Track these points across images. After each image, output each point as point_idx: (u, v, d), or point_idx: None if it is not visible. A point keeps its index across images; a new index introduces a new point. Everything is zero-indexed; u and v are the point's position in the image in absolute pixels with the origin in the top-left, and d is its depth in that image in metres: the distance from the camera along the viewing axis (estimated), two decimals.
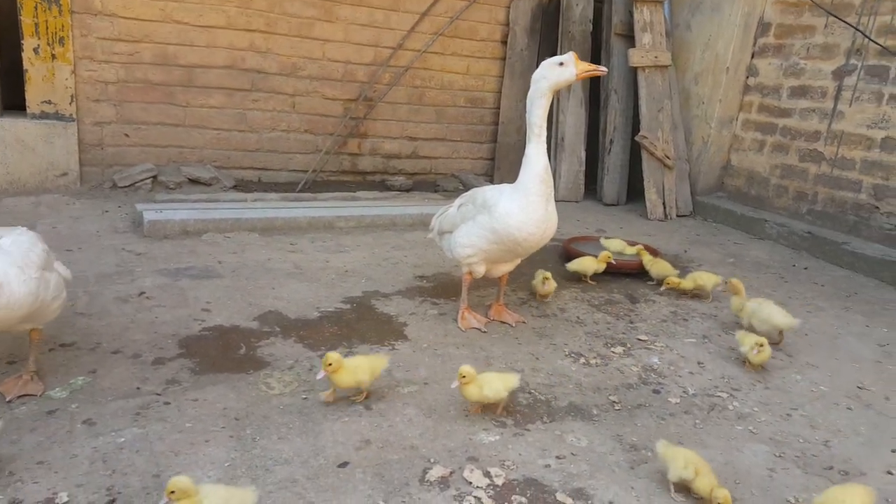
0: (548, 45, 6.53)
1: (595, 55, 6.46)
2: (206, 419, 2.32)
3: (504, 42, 6.49)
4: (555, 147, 6.31)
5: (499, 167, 6.71)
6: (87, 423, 2.23)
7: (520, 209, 2.94)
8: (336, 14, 5.72)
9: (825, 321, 3.77)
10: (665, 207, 6.05)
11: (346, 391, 2.51)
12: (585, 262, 4.02)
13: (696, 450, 2.16)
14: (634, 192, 6.38)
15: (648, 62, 6.02)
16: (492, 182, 6.51)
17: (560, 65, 2.92)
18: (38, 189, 4.96)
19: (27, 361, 2.44)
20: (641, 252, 4.30)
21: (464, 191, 5.32)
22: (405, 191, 6.01)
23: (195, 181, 5.32)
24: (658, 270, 4.08)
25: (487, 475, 2.14)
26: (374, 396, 2.56)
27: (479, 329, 3.25)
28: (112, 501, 1.89)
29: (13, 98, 5.06)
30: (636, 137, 6.04)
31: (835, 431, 2.60)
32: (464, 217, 3.19)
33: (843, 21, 5.01)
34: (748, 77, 6.02)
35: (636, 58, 6.01)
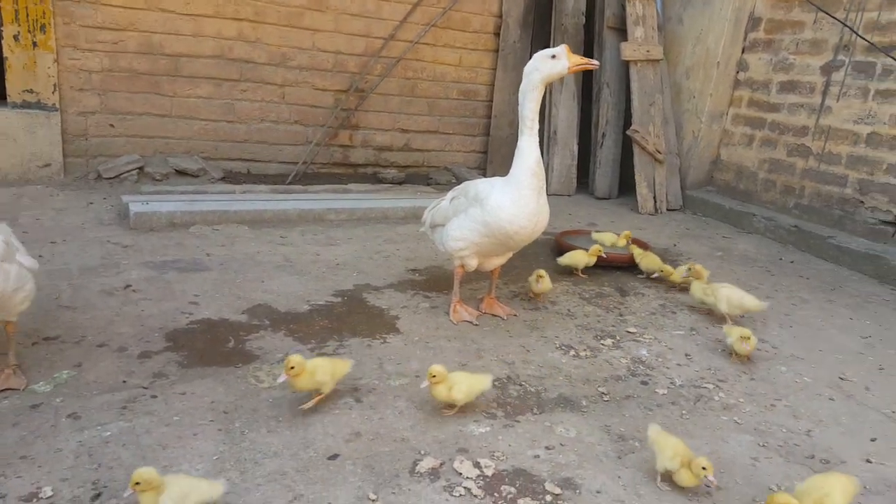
0: (540, 38, 6.52)
1: (588, 48, 6.46)
2: (194, 412, 2.31)
3: (497, 34, 6.47)
4: (547, 141, 6.32)
5: (491, 160, 6.70)
6: (72, 417, 2.22)
7: (511, 202, 2.94)
8: (326, 3, 5.67)
9: (810, 313, 3.81)
10: (656, 201, 6.07)
11: (305, 393, 2.42)
12: (576, 256, 4.04)
13: (683, 439, 2.17)
14: (626, 186, 6.40)
15: (640, 56, 6.03)
16: (484, 175, 6.50)
17: (552, 57, 2.92)
18: (21, 180, 4.90)
19: (7, 356, 2.42)
20: (627, 236, 4.42)
21: (456, 184, 5.31)
22: (397, 183, 5.99)
23: (182, 172, 5.27)
24: (648, 264, 4.10)
25: (477, 466, 2.15)
26: (365, 389, 2.56)
27: (471, 322, 3.26)
28: (98, 495, 1.88)
29: None
30: (628, 131, 6.05)
31: (817, 421, 2.64)
32: (456, 210, 3.19)
33: (832, 16, 5.03)
34: (738, 72, 6.05)
35: (628, 51, 6.01)
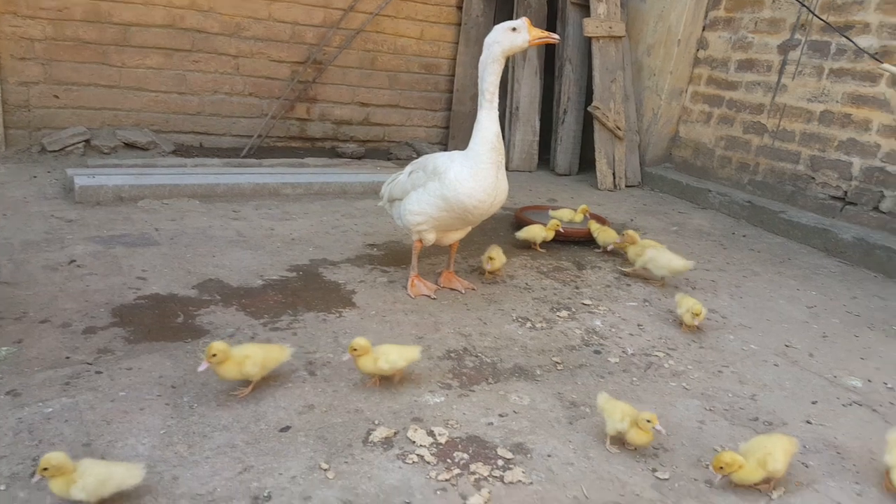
0: (504, 12, 6.46)
1: (551, 23, 6.43)
2: (141, 387, 2.26)
3: (459, 7, 6.39)
4: (509, 116, 6.30)
5: (453, 136, 6.66)
6: (12, 394, 2.14)
7: (470, 176, 2.92)
8: None
9: (759, 285, 3.91)
10: (615, 178, 6.12)
11: (232, 383, 2.30)
12: (534, 230, 4.06)
13: (632, 405, 2.21)
14: (586, 163, 6.44)
15: (603, 32, 6.03)
16: (446, 151, 6.45)
17: (513, 30, 2.89)
18: None
19: None
20: (584, 210, 4.48)
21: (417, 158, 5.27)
22: (357, 158, 5.91)
23: (131, 145, 5.11)
24: (605, 238, 4.15)
25: (431, 434, 2.15)
26: (319, 363, 2.54)
27: (429, 296, 3.25)
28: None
29: None
30: (589, 108, 6.07)
31: (761, 386, 2.72)
32: (414, 184, 3.16)
33: None
34: (698, 50, 6.10)
35: (591, 27, 6.01)
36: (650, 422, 2.10)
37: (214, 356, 2.19)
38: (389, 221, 4.08)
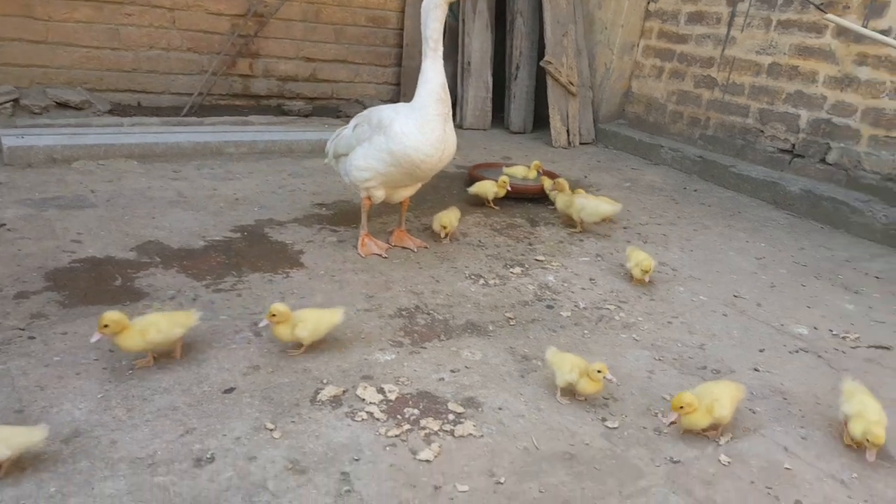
0: None
1: None
2: (77, 352, 2.16)
3: None
4: (461, 72, 6.18)
5: (405, 93, 6.50)
6: None
7: (417, 129, 2.84)
8: None
9: (709, 238, 3.96)
10: (569, 135, 6.10)
11: (136, 355, 2.15)
12: (485, 186, 4.01)
13: (583, 357, 2.22)
14: (541, 120, 6.38)
15: None
16: None
17: None
18: None
19: None
20: (537, 166, 4.45)
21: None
22: (304, 116, 5.72)
23: (64, 105, 4.82)
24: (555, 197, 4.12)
25: (381, 391, 2.12)
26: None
27: (380, 255, 3.18)
28: None
29: None
30: (541, 63, 5.98)
31: (710, 336, 2.76)
32: (359, 138, 3.05)
33: None
34: (649, 2, 6.05)
35: None
36: (601, 372, 2.11)
37: (107, 327, 2.03)
38: (339, 180, 3.97)
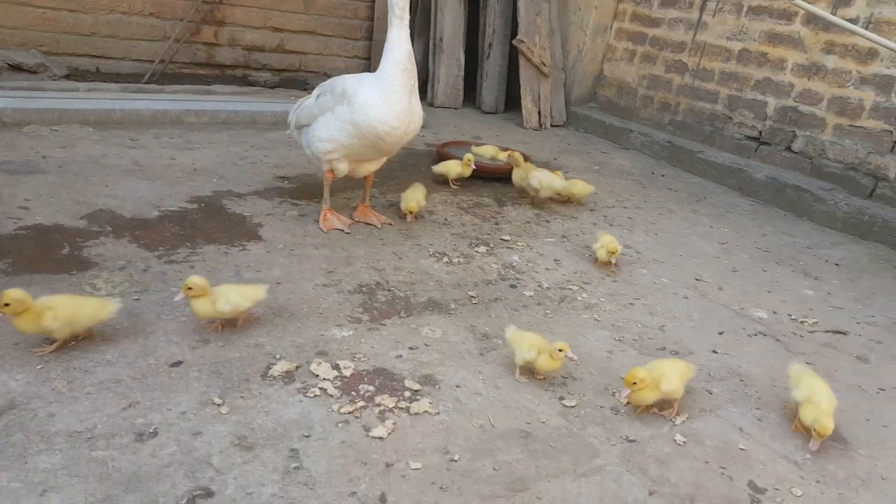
0: None
1: None
2: None
3: None
4: (433, 48, 6.07)
5: (375, 68, 6.33)
6: None
7: (382, 100, 2.76)
8: None
9: (674, 223, 3.97)
10: (540, 117, 6.05)
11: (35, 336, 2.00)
12: (449, 166, 3.95)
13: (544, 336, 2.19)
14: (513, 101, 6.31)
15: None
16: None
17: None
18: None
19: None
20: (511, 154, 4.33)
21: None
22: (270, 88, 5.57)
23: (17, 67, 4.60)
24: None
25: (336, 368, 2.07)
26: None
27: (343, 230, 3.11)
28: None
29: None
30: (514, 41, 5.91)
31: (671, 317, 2.77)
32: (322, 109, 2.96)
33: None
34: None
35: None
36: (562, 351, 2.08)
37: (7, 305, 1.86)
38: (302, 153, 3.86)
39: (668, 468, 1.85)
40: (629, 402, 2.07)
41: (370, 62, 6.41)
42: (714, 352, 2.53)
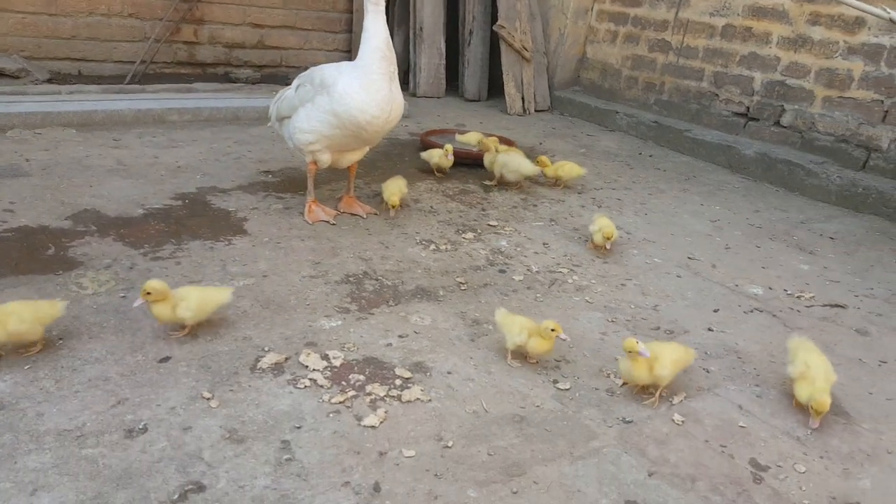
0: None
1: None
2: None
3: None
4: (413, 38, 6.04)
5: None
6: None
7: (361, 88, 2.73)
8: None
9: (664, 202, 3.96)
10: (524, 102, 6.03)
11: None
12: (433, 153, 3.92)
13: (535, 320, 2.17)
14: (496, 88, 6.29)
15: None
16: None
17: None
18: None
19: None
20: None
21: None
22: (252, 84, 5.53)
23: None
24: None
25: (325, 358, 2.06)
26: None
27: (328, 221, 3.10)
28: None
29: None
30: (494, 27, 5.88)
31: (664, 297, 2.75)
32: (302, 99, 2.94)
33: None
34: None
35: None
36: (554, 331, 2.06)
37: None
38: (286, 147, 3.84)
39: (667, 448, 1.82)
40: (625, 383, 2.05)
41: (351, 55, 6.36)
42: (710, 329, 2.51)
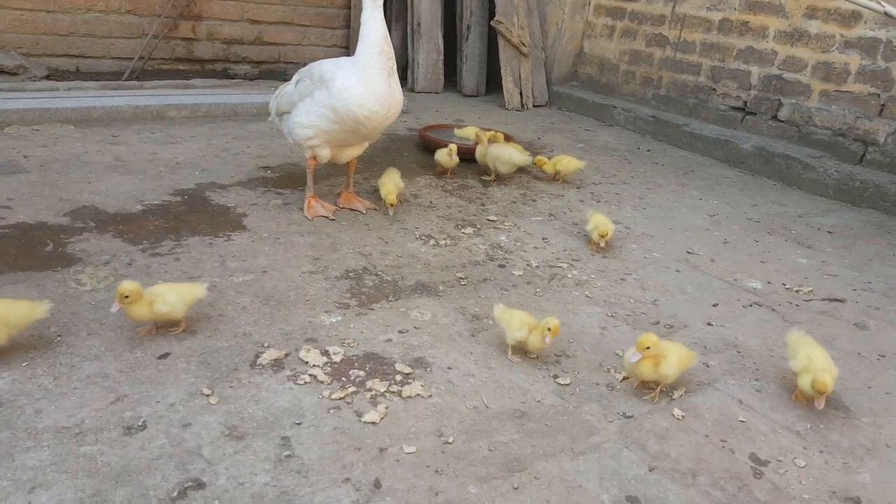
0: None
1: None
2: None
3: None
4: (411, 34, 6.02)
5: None
6: None
7: (360, 83, 2.72)
8: None
9: (662, 196, 3.96)
10: (522, 97, 6.01)
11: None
12: (440, 155, 3.87)
13: (535, 314, 2.17)
14: (494, 83, 6.27)
15: None
16: None
17: None
18: None
19: None
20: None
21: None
22: (250, 80, 5.51)
23: None
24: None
25: (325, 354, 2.05)
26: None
27: (327, 217, 3.09)
28: None
29: None
30: (492, 22, 5.86)
31: (663, 291, 2.75)
32: (301, 95, 2.93)
33: None
34: None
35: None
36: (550, 330, 2.04)
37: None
38: (285, 142, 3.84)
39: (668, 443, 1.82)
40: (626, 377, 2.05)
41: (349, 51, 6.34)
42: (709, 324, 2.50)
